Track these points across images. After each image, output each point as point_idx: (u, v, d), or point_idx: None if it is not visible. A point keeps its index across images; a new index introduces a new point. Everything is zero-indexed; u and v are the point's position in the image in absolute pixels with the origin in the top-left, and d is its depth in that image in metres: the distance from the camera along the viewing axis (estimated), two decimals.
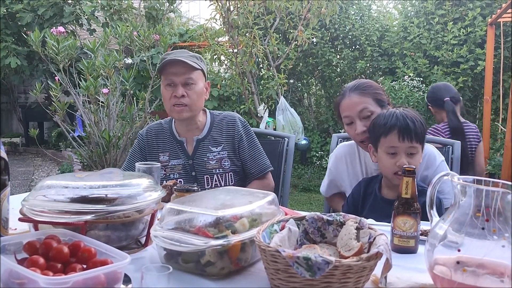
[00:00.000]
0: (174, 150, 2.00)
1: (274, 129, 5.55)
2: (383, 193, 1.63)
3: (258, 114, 5.58)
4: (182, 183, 1.93)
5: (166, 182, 1.78)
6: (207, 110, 2.08)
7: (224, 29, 5.56)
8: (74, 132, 4.63)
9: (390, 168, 1.55)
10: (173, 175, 1.96)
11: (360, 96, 1.70)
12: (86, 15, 6.97)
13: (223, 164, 1.96)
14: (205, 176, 1.96)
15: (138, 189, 1.17)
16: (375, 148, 1.62)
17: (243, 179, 2.03)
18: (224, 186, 1.96)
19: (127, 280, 0.93)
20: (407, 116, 1.55)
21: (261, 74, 5.96)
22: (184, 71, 1.90)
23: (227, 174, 1.97)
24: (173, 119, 2.04)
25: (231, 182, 1.97)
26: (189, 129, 1.99)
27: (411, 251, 1.21)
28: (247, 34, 5.43)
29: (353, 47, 6.97)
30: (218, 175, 1.96)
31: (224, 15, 5.21)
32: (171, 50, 6.65)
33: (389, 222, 1.25)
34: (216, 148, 1.98)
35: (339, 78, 7.17)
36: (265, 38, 5.84)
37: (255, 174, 2.00)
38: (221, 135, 2.00)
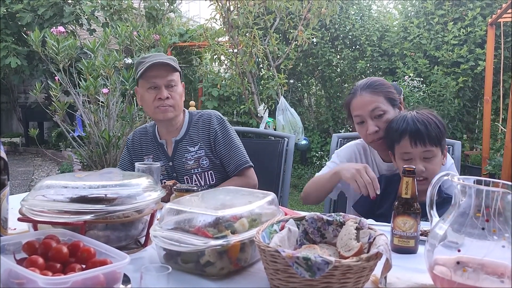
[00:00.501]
0: (156, 153, 2.01)
1: (274, 129, 5.56)
2: None
3: (258, 114, 5.58)
4: None
5: (166, 182, 1.78)
6: (186, 111, 2.07)
7: (224, 29, 5.56)
8: (74, 132, 4.64)
9: None
10: None
11: (372, 95, 1.65)
12: (86, 15, 6.98)
13: (201, 163, 1.95)
14: (184, 177, 1.96)
15: (137, 189, 1.17)
16: (393, 155, 1.60)
17: (226, 178, 2.00)
18: (204, 185, 1.95)
19: (126, 280, 0.93)
20: (418, 119, 1.52)
21: (261, 74, 5.96)
22: (166, 73, 1.89)
23: (206, 173, 1.96)
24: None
25: (212, 181, 1.96)
26: (170, 130, 1.99)
27: (411, 251, 1.20)
28: (247, 34, 5.42)
29: (353, 47, 6.97)
30: (197, 174, 1.95)
31: (224, 15, 5.21)
32: (171, 50, 6.66)
33: None
34: (194, 148, 1.97)
35: (339, 78, 7.17)
36: (265, 38, 5.84)
37: (232, 171, 1.97)
38: (197, 134, 1.99)
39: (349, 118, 1.77)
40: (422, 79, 5.92)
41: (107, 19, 6.90)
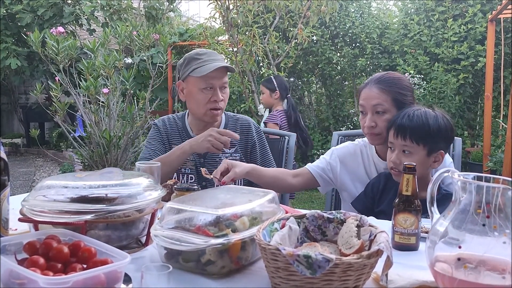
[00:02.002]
0: None
1: None
2: None
3: (259, 113, 5.58)
4: (194, 179, 1.93)
5: (167, 181, 1.77)
6: None
7: (224, 28, 5.55)
8: (74, 132, 4.64)
9: (388, 162, 1.59)
10: (185, 169, 1.95)
11: (379, 91, 1.64)
12: (86, 15, 6.98)
13: None
14: None
15: (138, 188, 1.17)
16: None
17: (252, 183, 1.98)
18: None
19: (127, 279, 0.93)
20: (409, 114, 1.53)
21: (261, 72, 5.95)
22: (222, 75, 1.89)
23: None
24: (186, 115, 2.04)
25: (240, 185, 1.94)
26: (207, 128, 1.95)
27: (412, 248, 1.20)
28: (246, 33, 5.42)
29: (353, 44, 6.95)
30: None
31: (223, 14, 5.20)
32: (171, 49, 6.65)
33: None
34: (229, 150, 1.96)
35: (339, 76, 7.16)
36: (265, 36, 5.83)
37: None
38: None
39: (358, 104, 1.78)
40: (422, 76, 5.91)
41: (107, 19, 6.90)
